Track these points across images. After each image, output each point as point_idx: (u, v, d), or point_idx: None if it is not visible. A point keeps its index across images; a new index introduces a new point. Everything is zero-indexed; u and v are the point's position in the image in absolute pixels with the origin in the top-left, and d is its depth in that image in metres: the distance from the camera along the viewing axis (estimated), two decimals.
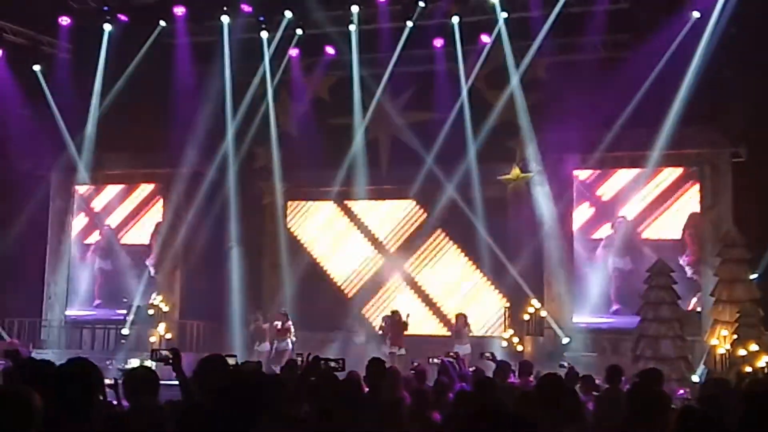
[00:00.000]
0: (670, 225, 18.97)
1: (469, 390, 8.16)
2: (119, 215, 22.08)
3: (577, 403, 5.00)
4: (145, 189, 21.97)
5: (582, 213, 19.51)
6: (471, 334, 18.28)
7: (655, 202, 19.05)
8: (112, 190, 22.14)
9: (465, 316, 18.41)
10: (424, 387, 8.75)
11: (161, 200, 21.61)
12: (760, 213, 16.68)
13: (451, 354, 11.56)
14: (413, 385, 8.84)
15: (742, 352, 15.28)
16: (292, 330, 18.83)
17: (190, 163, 20.28)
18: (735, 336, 15.67)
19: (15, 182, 20.23)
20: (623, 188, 19.26)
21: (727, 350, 15.71)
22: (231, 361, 5.94)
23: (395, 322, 18.23)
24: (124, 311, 20.47)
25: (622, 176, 19.32)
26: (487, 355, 11.69)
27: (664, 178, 19.01)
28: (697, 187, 18.71)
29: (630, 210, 19.16)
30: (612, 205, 19.40)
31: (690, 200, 18.84)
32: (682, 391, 13.15)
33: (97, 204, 22.22)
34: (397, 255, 21.01)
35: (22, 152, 19.79)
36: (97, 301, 21.79)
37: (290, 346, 18.42)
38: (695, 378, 15.45)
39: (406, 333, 18.12)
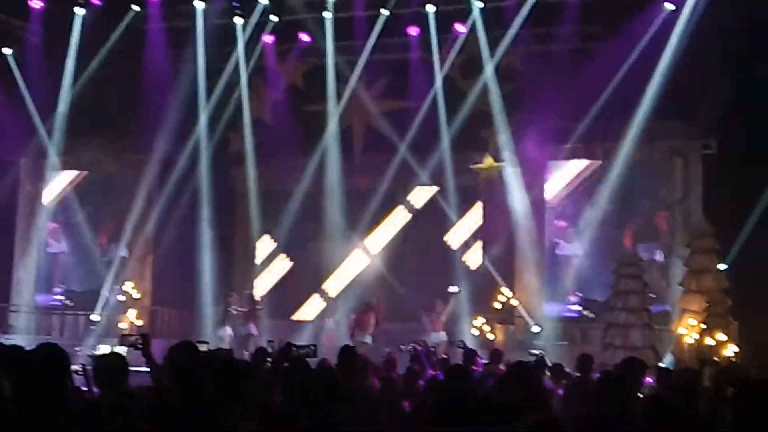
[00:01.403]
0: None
1: (440, 377, 8.22)
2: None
3: (543, 390, 5.05)
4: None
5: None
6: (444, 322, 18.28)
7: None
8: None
9: (438, 303, 18.42)
10: (392, 375, 8.81)
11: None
12: (729, 205, 16.84)
13: (420, 342, 11.62)
14: (383, 373, 8.90)
15: (709, 341, 15.46)
16: (259, 315, 18.73)
17: (162, 149, 20.15)
18: (703, 326, 15.84)
19: None
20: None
21: (695, 339, 15.88)
22: (202, 347, 5.94)
23: (364, 311, 18.21)
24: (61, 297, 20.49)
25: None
26: (458, 343, 11.77)
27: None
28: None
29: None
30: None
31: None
32: (650, 380, 13.26)
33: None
34: (368, 243, 21.02)
35: None
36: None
37: (255, 331, 18.31)
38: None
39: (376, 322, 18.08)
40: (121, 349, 6.99)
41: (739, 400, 4.30)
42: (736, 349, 15.34)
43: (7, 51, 20.36)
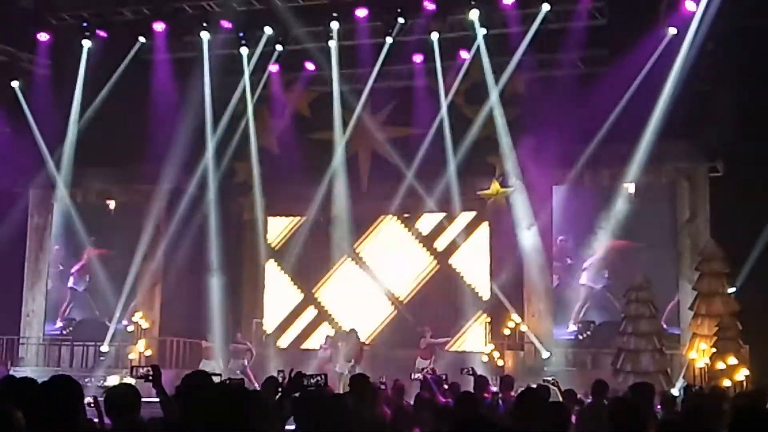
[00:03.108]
0: None
1: (451, 405, 8.17)
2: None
3: (564, 417, 5.02)
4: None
5: None
6: (435, 350, 18.23)
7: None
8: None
9: (425, 330, 18.40)
10: (403, 403, 8.77)
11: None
12: (737, 227, 16.80)
13: (428, 370, 11.60)
14: (394, 401, 8.86)
15: (720, 365, 15.36)
16: (249, 352, 18.76)
17: (169, 179, 20.21)
18: (714, 350, 15.75)
19: None
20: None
21: (706, 364, 15.78)
22: (216, 379, 5.93)
23: (352, 339, 18.21)
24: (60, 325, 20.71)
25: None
26: (467, 370, 11.69)
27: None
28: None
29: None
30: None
31: None
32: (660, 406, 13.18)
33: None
34: (377, 270, 21.02)
35: (1, 168, 19.64)
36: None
37: (246, 364, 18.34)
38: (675, 392, 15.51)
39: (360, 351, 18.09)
40: (132, 381, 6.98)
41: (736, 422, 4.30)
42: (747, 373, 15.25)
43: (15, 83, 20.49)
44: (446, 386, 10.35)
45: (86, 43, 20.03)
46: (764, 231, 16.50)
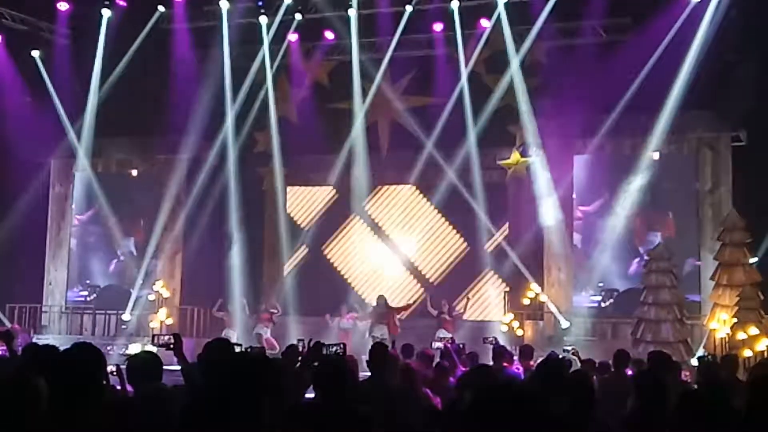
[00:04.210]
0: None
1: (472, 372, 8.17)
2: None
3: (587, 386, 5.01)
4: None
5: None
6: (456, 321, 18.20)
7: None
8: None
9: (446, 302, 18.37)
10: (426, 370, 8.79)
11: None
12: (759, 197, 16.67)
13: (440, 339, 11.62)
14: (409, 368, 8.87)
15: (741, 335, 15.31)
16: (274, 321, 18.92)
17: (189, 149, 20.25)
18: (735, 320, 15.70)
19: (15, 169, 20.19)
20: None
21: (727, 334, 15.73)
22: (237, 349, 5.96)
23: (380, 306, 18.22)
24: (86, 293, 20.76)
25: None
26: (490, 339, 11.71)
27: None
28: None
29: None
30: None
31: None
32: (684, 375, 13.18)
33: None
34: (397, 240, 21.04)
35: (22, 139, 19.72)
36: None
37: (268, 333, 18.46)
38: (694, 361, 15.48)
39: (397, 316, 18.10)
40: (153, 349, 7.03)
41: (753, 391, 4.30)
42: None
43: (35, 53, 20.55)
44: (464, 356, 10.38)
45: (106, 12, 20.04)
46: None
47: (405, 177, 20.41)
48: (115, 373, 6.12)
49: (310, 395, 5.25)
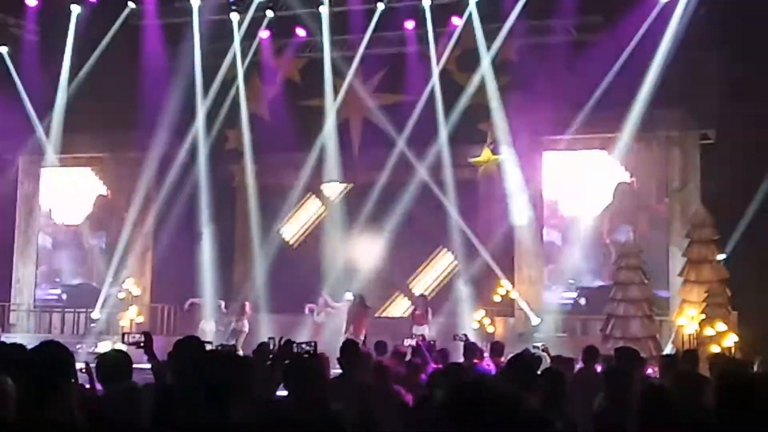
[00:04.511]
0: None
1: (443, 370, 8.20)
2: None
3: (559, 382, 5.05)
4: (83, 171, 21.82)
5: None
6: (432, 317, 18.20)
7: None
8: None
9: (425, 298, 18.39)
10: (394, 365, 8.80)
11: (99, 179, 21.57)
12: (727, 195, 16.84)
13: (415, 336, 11.65)
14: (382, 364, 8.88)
15: (709, 331, 15.48)
16: (248, 310, 18.72)
17: (160, 146, 20.12)
18: (703, 316, 15.86)
19: None
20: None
21: (695, 330, 15.90)
22: (207, 347, 5.94)
23: (356, 306, 18.16)
24: (58, 291, 20.57)
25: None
26: (460, 336, 11.75)
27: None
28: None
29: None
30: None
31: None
32: (650, 371, 13.31)
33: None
34: (366, 236, 21.02)
35: None
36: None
37: (246, 327, 18.34)
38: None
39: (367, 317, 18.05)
40: (123, 347, 6.99)
41: (720, 389, 4.35)
42: (736, 339, 15.36)
43: (2, 49, 20.33)
44: (435, 353, 10.42)
45: (75, 8, 19.87)
46: (754, 198, 16.56)
47: (377, 175, 20.39)
48: (84, 371, 6.08)
49: (281, 393, 5.25)
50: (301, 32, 20.43)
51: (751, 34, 16.45)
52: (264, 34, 20.46)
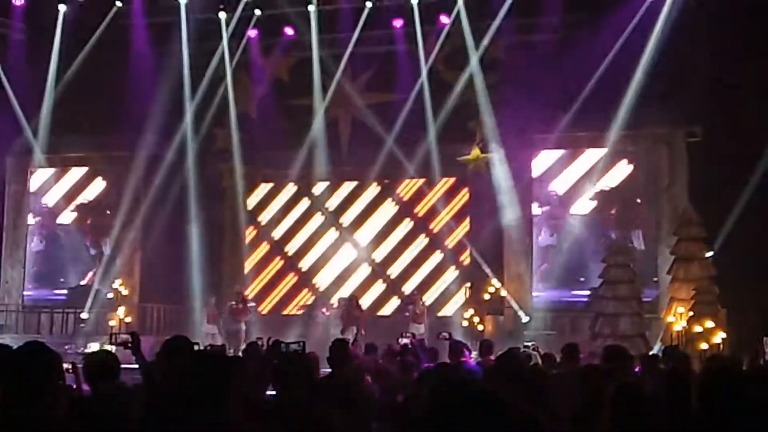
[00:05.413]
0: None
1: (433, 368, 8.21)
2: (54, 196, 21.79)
3: (542, 381, 5.05)
4: (79, 171, 21.70)
5: None
6: (426, 314, 18.25)
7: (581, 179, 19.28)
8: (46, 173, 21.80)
9: (419, 296, 18.42)
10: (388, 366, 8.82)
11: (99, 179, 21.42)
12: (715, 192, 16.89)
13: (408, 335, 11.64)
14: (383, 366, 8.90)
15: (698, 329, 15.53)
16: (250, 311, 18.76)
17: (148, 146, 20.05)
18: (691, 313, 15.91)
19: None
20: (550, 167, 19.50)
21: (684, 327, 15.94)
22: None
23: (351, 307, 18.21)
24: (64, 291, 20.37)
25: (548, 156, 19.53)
26: (444, 335, 11.76)
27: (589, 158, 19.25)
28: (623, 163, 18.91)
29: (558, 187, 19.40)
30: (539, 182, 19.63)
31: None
32: (638, 368, 13.33)
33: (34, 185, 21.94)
34: (357, 235, 21.04)
35: None
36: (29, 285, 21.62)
37: (244, 327, 18.32)
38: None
39: (361, 317, 18.07)
40: (111, 348, 6.97)
41: (706, 386, 4.36)
42: (724, 336, 15.42)
43: None
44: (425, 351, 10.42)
45: (62, 7, 19.78)
46: (741, 196, 16.60)
47: (365, 173, 20.39)
48: (71, 371, 6.06)
49: (271, 393, 5.25)
50: (289, 31, 20.39)
51: (738, 32, 16.51)
52: (252, 33, 20.42)
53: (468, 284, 19.51)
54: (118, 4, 19.80)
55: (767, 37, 16.23)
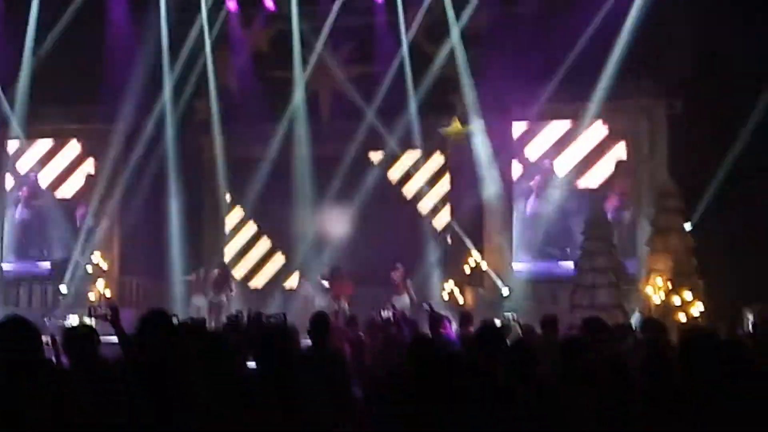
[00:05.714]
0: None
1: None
2: (48, 171, 21.60)
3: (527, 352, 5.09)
4: (75, 146, 21.48)
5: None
6: (410, 287, 18.27)
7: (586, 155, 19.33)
8: (42, 145, 21.56)
9: (401, 266, 18.44)
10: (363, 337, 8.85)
11: (91, 157, 21.21)
12: (694, 164, 16.98)
13: (389, 307, 11.69)
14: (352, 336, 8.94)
15: (676, 300, 15.66)
16: (232, 285, 18.77)
17: (127, 117, 19.91)
18: (669, 285, 16.04)
19: None
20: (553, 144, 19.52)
21: (662, 299, 16.07)
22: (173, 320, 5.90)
23: (336, 278, 18.20)
24: (47, 264, 20.42)
25: (552, 131, 19.52)
26: (425, 305, 11.82)
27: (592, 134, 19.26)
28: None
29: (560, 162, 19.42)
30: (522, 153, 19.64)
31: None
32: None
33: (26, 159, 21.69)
34: (338, 207, 20.98)
35: None
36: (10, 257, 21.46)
37: (226, 300, 18.32)
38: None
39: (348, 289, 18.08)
40: (90, 321, 6.96)
41: (685, 355, 4.40)
42: (702, 308, 15.56)
43: None
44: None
45: None
46: (720, 168, 16.70)
47: (346, 146, 20.31)
48: (50, 344, 6.04)
49: (251, 365, 5.25)
50: (269, 3, 20.23)
51: (721, 3, 16.51)
52: (231, 4, 20.25)
53: (448, 256, 19.55)
54: None
55: (750, 10, 16.23)
